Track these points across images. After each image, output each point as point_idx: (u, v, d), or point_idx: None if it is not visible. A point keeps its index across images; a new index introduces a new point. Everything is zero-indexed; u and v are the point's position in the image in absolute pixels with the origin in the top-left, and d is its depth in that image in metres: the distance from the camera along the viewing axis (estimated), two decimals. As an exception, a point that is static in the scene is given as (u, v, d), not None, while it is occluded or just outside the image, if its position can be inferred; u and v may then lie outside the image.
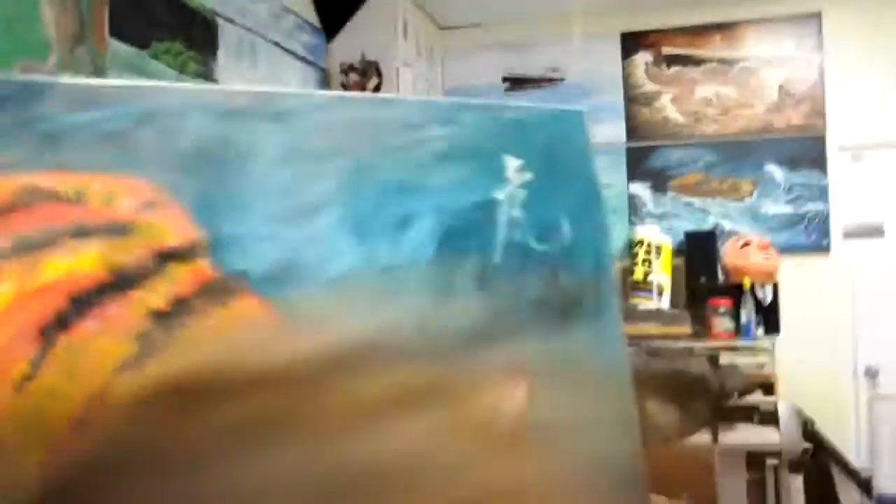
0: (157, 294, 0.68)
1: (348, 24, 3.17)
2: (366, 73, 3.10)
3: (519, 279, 0.84)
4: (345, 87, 3.14)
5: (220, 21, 2.47)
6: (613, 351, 0.89)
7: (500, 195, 0.85)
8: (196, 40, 2.36)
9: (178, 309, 0.68)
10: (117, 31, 2.04)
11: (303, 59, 2.98)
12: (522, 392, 0.81)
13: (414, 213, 0.79)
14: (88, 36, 1.94)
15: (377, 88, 3.12)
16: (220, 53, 2.47)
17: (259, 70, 2.68)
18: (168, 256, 0.69)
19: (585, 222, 0.90)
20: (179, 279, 0.69)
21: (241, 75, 2.58)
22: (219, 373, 0.68)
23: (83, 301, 0.65)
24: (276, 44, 2.80)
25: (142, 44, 2.13)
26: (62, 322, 0.64)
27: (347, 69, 3.12)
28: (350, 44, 3.16)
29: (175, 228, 0.70)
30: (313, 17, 3.08)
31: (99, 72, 1.96)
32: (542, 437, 0.81)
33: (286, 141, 0.74)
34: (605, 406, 0.86)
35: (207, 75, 2.41)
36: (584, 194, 0.91)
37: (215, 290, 0.70)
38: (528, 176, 0.87)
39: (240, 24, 2.58)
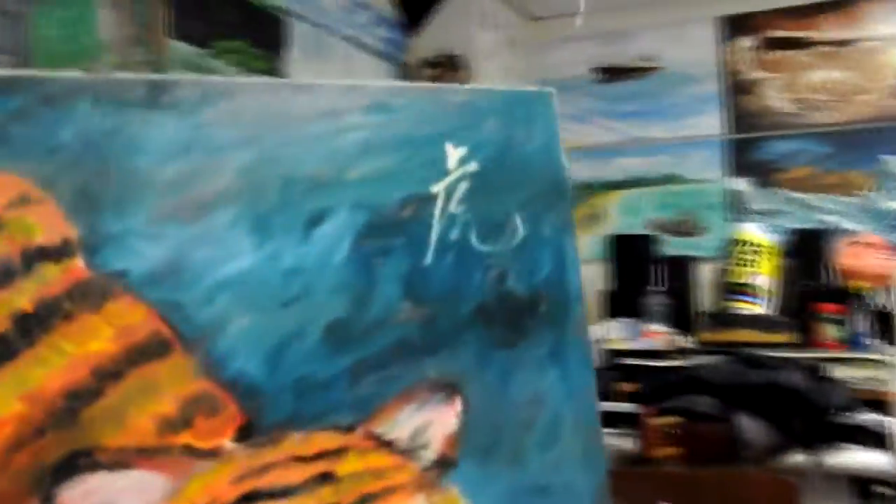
0: (21, 294, 0.63)
1: (430, 17, 3.11)
2: (445, 68, 3.02)
3: (455, 284, 0.74)
4: (430, 82, 3.08)
5: (288, 18, 2.47)
6: (574, 370, 0.78)
7: (435, 188, 0.75)
8: (262, 38, 2.36)
9: (44, 310, 0.63)
10: (178, 32, 2.06)
11: (380, 54, 2.95)
12: (453, 415, 0.72)
13: (327, 209, 0.71)
14: (146, 37, 1.97)
15: (462, 83, 3.04)
16: (288, 51, 2.47)
17: (331, 66, 2.67)
18: (37, 255, 0.64)
19: (544, 219, 0.79)
20: (49, 279, 0.64)
21: (312, 72, 2.57)
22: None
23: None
24: (350, 39, 2.78)
25: (203, 43, 2.15)
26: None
27: (427, 64, 3.06)
28: (431, 38, 3.10)
29: (46, 226, 0.65)
30: (392, 12, 3.04)
31: (156, 72, 1.99)
32: (476, 470, 0.71)
33: (181, 132, 0.68)
34: (561, 434, 0.75)
35: (274, 73, 2.41)
36: (544, 187, 0.80)
37: (88, 291, 0.64)
38: (472, 167, 0.77)
39: (310, 21, 2.57)
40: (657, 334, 2.87)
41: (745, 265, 3.02)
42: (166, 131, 0.68)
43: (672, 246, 3.29)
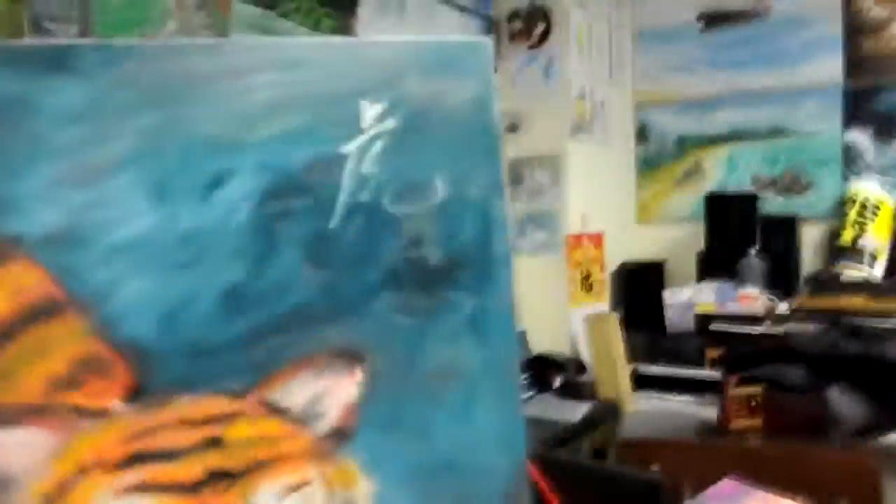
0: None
1: (518, -32, 3.01)
2: (531, 20, 2.93)
3: (363, 249, 0.71)
4: (511, 36, 3.00)
5: (359, -25, 2.46)
6: (495, 341, 0.73)
7: (346, 148, 0.72)
8: (332, -4, 2.36)
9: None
10: (242, -7, 2.09)
11: (463, 8, 2.88)
12: (353, 385, 0.69)
13: (228, 170, 0.70)
14: (210, 1, 2.02)
15: (544, 35, 2.94)
16: (361, 8, 2.46)
17: (408, 23, 2.64)
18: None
19: (470, 179, 0.74)
20: (-51, 242, 0.66)
21: (387, 30, 2.55)
22: None
23: None
24: (430, -6, 2.73)
25: (269, 4, 2.17)
26: None
27: (512, 16, 2.97)
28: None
29: (-55, 190, 0.67)
30: (477, -36, 2.96)
31: (220, 35, 2.04)
32: (378, 442, 0.69)
33: (82, 96, 0.68)
34: (475, 410, 0.71)
35: (345, 31, 2.41)
36: (472, 146, 0.75)
37: (-15, 254, 0.66)
38: (390, 124, 0.73)
39: (384, -23, 2.55)
40: (753, 299, 2.70)
41: (857, 226, 2.77)
42: (67, 96, 0.68)
43: (777, 205, 3.07)
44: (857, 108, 2.95)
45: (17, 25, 1.65)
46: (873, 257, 2.71)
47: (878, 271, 2.71)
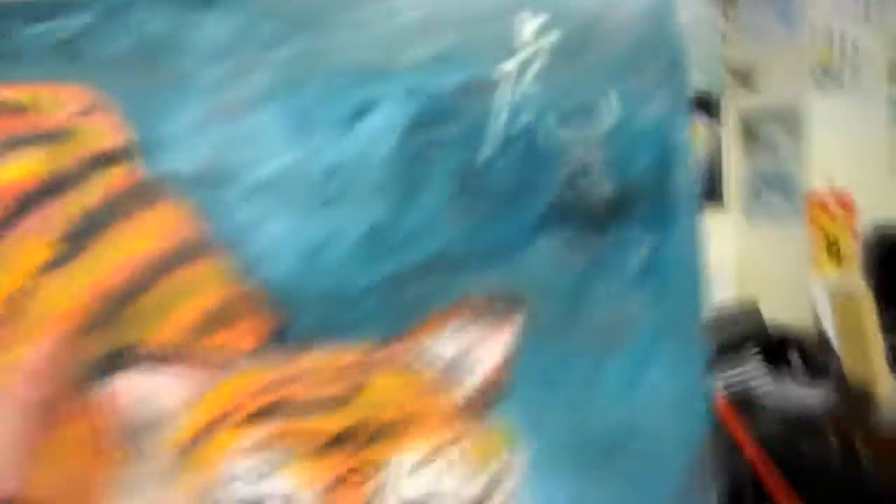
0: (89, 195, 0.67)
1: None
2: (767, -44, 2.62)
3: (522, 179, 0.62)
4: (743, -24, 2.72)
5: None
6: (674, 290, 0.61)
7: (503, 69, 0.63)
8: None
9: (108, 210, 0.67)
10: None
11: (687, -49, 2.65)
12: (508, 335, 0.61)
13: (374, 99, 0.64)
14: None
15: (782, -28, 2.62)
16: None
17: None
18: (102, 159, 0.67)
19: (649, 99, 0.62)
20: (111, 181, 0.67)
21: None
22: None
23: (24, 204, 0.67)
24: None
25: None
26: (4, 226, 0.67)
27: (744, -46, 2.68)
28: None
29: (111, 131, 0.68)
30: None
31: None
32: (535, 400, 0.60)
33: (226, 31, 0.66)
34: (648, 368, 0.60)
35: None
36: (651, 60, 0.63)
37: (141, 192, 0.67)
38: (551, 38, 0.63)
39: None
40: None
41: None
42: (212, 31, 0.66)
43: None
44: None
45: None
46: None
47: None
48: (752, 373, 2.51)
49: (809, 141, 2.67)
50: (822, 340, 2.63)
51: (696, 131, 2.71)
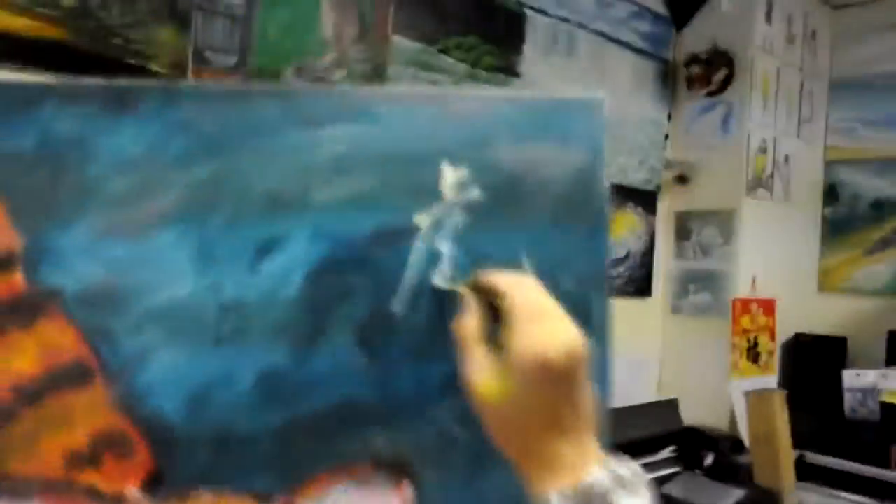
0: (-37, 304, 0.62)
1: (703, 9, 2.81)
2: (712, 65, 2.71)
3: (427, 339, 0.60)
4: (689, 81, 2.80)
5: (527, 12, 2.37)
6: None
7: (420, 219, 0.61)
8: (495, 33, 2.29)
9: (-19, 323, 0.61)
10: (403, 28, 2.06)
11: (639, 50, 2.72)
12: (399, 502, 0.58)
13: (283, 235, 0.61)
14: (370, 34, 2.00)
15: (725, 82, 2.71)
16: (527, 47, 2.37)
17: (577, 64, 2.52)
18: (-17, 263, 0.62)
19: (565, 268, 0.61)
20: (-9, 290, 0.62)
21: (553, 70, 2.44)
22: None
23: None
24: (603, 34, 2.60)
25: (430, 39, 2.13)
26: None
27: (691, 61, 2.77)
28: (702, 32, 2.80)
29: (-5, 234, 0.63)
30: (657, 5, 2.79)
31: (378, 69, 2.01)
32: None
33: (138, 141, 0.62)
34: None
35: (509, 69, 2.33)
36: (571, 226, 0.62)
37: (23, 307, 0.62)
38: (473, 193, 0.61)
39: (554, 15, 2.44)
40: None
41: None
42: (123, 140, 0.62)
43: None
44: None
45: (181, 55, 1.69)
46: None
47: None
48: (664, 466, 2.52)
49: (739, 245, 2.74)
50: (736, 442, 2.66)
51: (631, 223, 2.75)
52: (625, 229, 2.72)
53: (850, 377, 2.76)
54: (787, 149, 2.90)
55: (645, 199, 2.78)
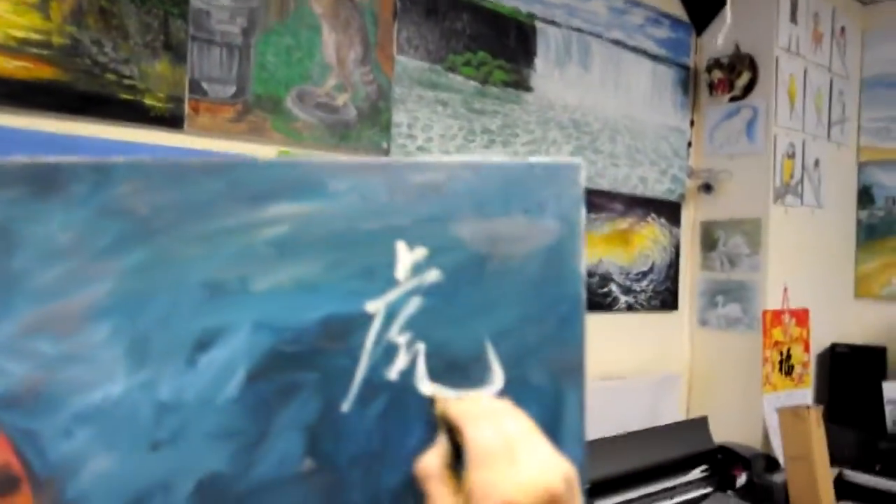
0: None
1: (722, 11, 2.71)
2: (735, 69, 2.61)
3: (383, 442, 0.54)
4: (711, 87, 2.70)
5: (538, 24, 2.30)
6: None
7: (371, 306, 0.55)
8: (505, 47, 2.22)
9: None
10: (408, 47, 2.01)
11: (656, 57, 2.63)
12: None
13: (222, 328, 0.55)
14: (373, 54, 1.95)
15: (749, 86, 2.61)
16: (539, 60, 2.30)
17: (592, 74, 2.44)
18: None
19: (537, 357, 0.54)
20: None
21: (566, 82, 2.37)
22: None
23: None
24: (618, 42, 2.52)
25: (437, 57, 2.07)
26: None
27: (713, 65, 2.67)
28: (727, 33, 2.69)
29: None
30: (675, 9, 2.70)
31: (382, 90, 1.96)
32: None
33: (66, 227, 0.57)
34: None
35: (520, 84, 2.26)
36: (544, 310, 0.55)
37: (-56, 411, 0.57)
38: (432, 276, 0.55)
39: (566, 26, 2.37)
40: None
41: None
42: (52, 227, 0.57)
43: None
44: None
45: (177, 87, 1.65)
46: None
47: None
48: (695, 488, 2.43)
49: (769, 253, 2.63)
50: (770, 461, 2.56)
51: (654, 235, 2.66)
52: (648, 241, 2.63)
53: (891, 389, 2.65)
54: (816, 152, 2.79)
55: (668, 210, 2.69)
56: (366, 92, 1.93)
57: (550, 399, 0.54)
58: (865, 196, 2.98)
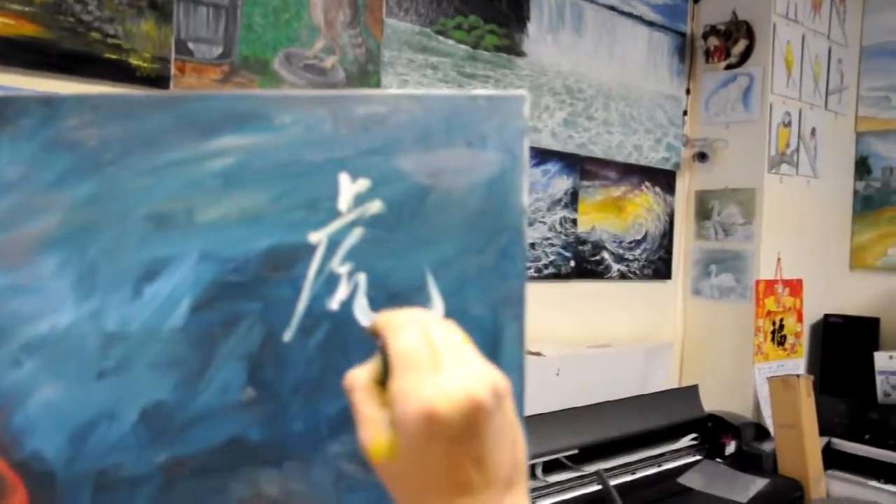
0: None
1: (720, -23, 2.68)
2: (731, 36, 2.59)
3: (324, 371, 0.54)
4: (707, 54, 2.68)
5: (531, -11, 2.28)
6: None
7: (314, 236, 0.55)
8: (498, 12, 2.21)
9: None
10: (398, 9, 1.99)
11: (651, 23, 2.61)
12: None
13: (168, 258, 0.56)
14: (363, 17, 1.94)
15: (745, 53, 2.59)
16: (532, 25, 2.28)
17: (586, 40, 2.42)
18: None
19: (477, 287, 0.55)
20: None
21: (560, 48, 2.35)
22: None
23: None
24: (612, 8, 2.49)
25: (427, 20, 2.06)
26: None
27: (709, 32, 2.65)
28: (720, 1, 2.67)
29: None
30: (672, -26, 2.67)
31: (371, 53, 1.95)
32: None
33: (12, 161, 0.57)
34: None
35: (513, 49, 2.25)
36: (485, 244, 0.55)
37: None
38: (374, 206, 0.55)
39: (560, -9, 2.35)
40: None
41: None
42: (1, 158, 0.57)
43: None
44: None
45: (163, 47, 1.65)
46: None
47: None
48: (685, 455, 2.44)
49: (763, 223, 2.63)
50: (760, 429, 2.57)
51: (648, 203, 2.66)
52: (642, 210, 2.63)
53: (882, 359, 2.65)
54: (813, 121, 2.77)
55: (663, 178, 2.68)
56: (354, 55, 1.92)
57: (489, 329, 0.54)
58: (862, 166, 2.97)
